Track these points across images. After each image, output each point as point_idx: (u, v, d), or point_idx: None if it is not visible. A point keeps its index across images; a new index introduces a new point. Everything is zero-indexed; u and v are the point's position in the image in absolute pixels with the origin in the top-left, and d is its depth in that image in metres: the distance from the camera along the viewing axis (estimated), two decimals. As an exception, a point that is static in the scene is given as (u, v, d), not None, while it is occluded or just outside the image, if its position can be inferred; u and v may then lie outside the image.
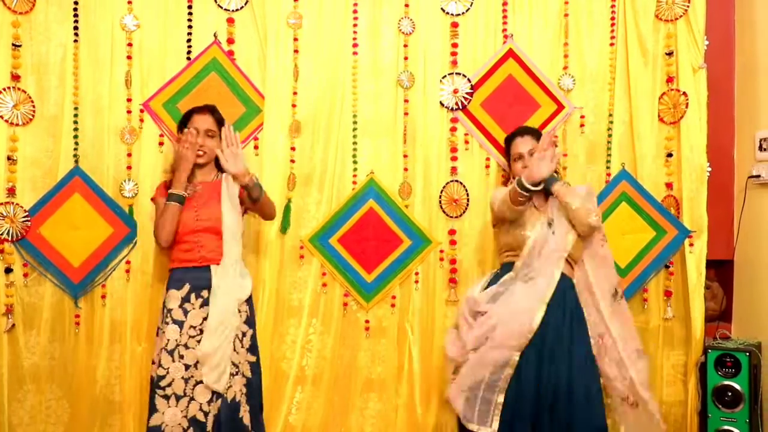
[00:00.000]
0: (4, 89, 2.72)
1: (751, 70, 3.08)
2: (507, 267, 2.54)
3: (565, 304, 2.44)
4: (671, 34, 2.98)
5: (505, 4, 2.98)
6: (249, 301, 2.59)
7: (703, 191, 2.95)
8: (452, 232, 2.94)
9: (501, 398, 2.33)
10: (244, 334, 2.53)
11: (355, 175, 2.92)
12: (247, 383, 2.51)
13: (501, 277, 2.52)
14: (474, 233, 2.95)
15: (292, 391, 2.86)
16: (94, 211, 2.77)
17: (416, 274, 2.93)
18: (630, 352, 2.54)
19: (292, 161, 2.88)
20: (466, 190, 2.94)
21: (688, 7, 2.95)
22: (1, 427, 2.70)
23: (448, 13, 2.97)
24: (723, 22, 3.15)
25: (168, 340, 2.44)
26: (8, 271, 2.72)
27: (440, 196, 2.94)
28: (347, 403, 2.90)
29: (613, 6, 3.01)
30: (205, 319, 2.45)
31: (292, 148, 2.89)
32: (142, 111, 2.82)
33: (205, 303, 2.47)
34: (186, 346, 2.43)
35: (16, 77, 2.73)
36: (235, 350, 2.47)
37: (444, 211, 2.95)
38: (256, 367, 2.57)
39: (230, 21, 2.88)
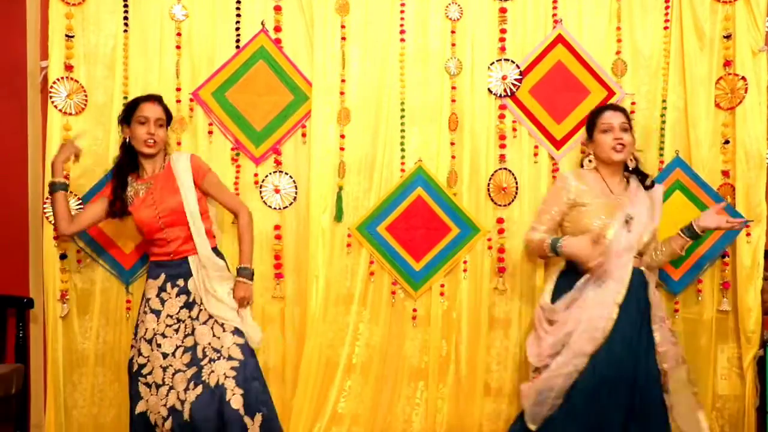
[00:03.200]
0: (58, 79, 2.77)
1: (814, 53, 2.96)
2: (574, 264, 2.48)
3: (637, 302, 2.44)
4: (729, 16, 2.89)
5: (554, -13, 2.92)
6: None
7: (762, 179, 2.86)
8: (500, 220, 2.90)
9: None
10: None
11: (403, 163, 2.89)
12: (240, 366, 2.41)
13: (570, 276, 2.50)
14: (522, 222, 2.89)
15: (341, 380, 2.86)
16: (144, 199, 2.81)
17: (464, 262, 2.91)
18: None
19: (342, 149, 2.88)
20: (515, 179, 2.90)
21: (747, -13, 2.86)
22: (58, 408, 2.78)
23: (496, -2, 2.92)
24: (785, 2, 3.03)
25: (146, 329, 2.48)
26: (63, 257, 2.78)
27: (488, 184, 2.90)
28: (395, 392, 2.90)
29: (667, -13, 2.93)
30: (181, 307, 2.49)
31: (342, 136, 2.88)
32: (191, 100, 2.84)
33: (181, 291, 2.50)
34: (163, 335, 2.46)
35: (69, 67, 2.78)
36: (215, 335, 2.44)
37: (492, 200, 2.91)
38: (245, 348, 2.46)
39: (277, 9, 2.87)
